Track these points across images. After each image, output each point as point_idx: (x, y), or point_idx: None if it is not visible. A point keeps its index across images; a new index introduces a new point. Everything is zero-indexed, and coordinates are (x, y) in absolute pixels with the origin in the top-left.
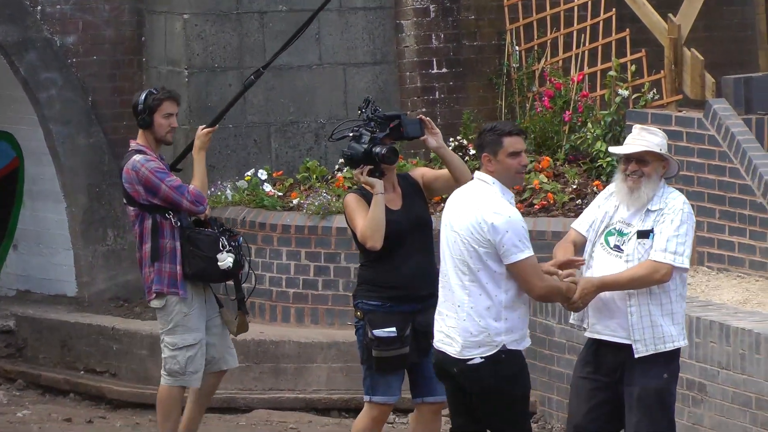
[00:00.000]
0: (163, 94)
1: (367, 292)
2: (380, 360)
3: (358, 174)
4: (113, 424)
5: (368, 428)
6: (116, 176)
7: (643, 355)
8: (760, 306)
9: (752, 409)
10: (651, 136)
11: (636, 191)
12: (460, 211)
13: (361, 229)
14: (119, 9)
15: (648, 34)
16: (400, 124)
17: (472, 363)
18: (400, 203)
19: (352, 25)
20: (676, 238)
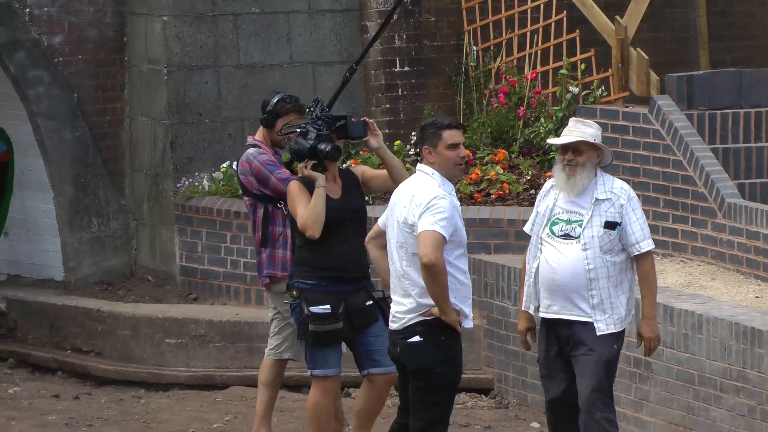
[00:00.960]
0: (293, 106)
1: (303, 273)
2: (316, 334)
3: (302, 167)
4: (98, 400)
5: (318, 400)
6: (100, 168)
7: (603, 333)
8: (702, 289)
9: (695, 386)
10: (585, 127)
11: (572, 179)
12: (401, 199)
13: (302, 219)
14: (102, 11)
15: (596, 35)
16: (345, 124)
17: (411, 341)
18: (339, 193)
19: (320, 27)
20: (645, 224)
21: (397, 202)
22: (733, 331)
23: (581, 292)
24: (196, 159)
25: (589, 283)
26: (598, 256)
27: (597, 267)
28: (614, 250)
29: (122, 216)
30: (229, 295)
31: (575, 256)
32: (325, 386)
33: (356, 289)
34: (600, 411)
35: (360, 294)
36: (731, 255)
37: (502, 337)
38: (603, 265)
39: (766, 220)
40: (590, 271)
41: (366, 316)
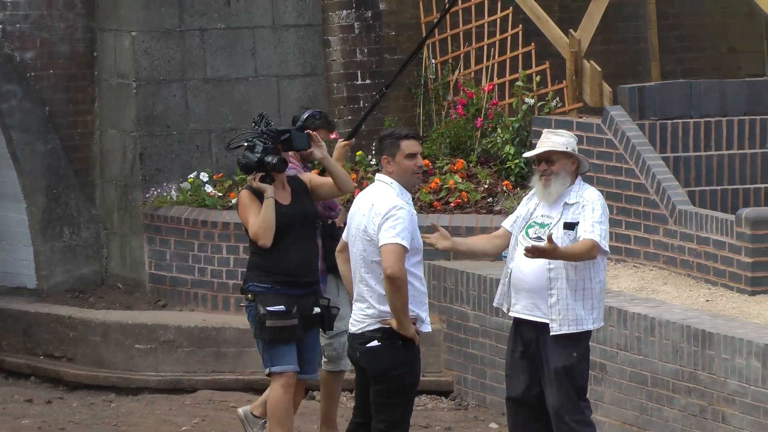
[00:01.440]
0: (322, 122)
1: (257, 277)
2: (273, 330)
3: (251, 180)
4: (70, 404)
5: (280, 396)
6: (71, 179)
7: (556, 334)
8: (654, 293)
9: (648, 387)
10: (556, 137)
11: (548, 188)
12: (360, 208)
13: (253, 228)
14: (73, 27)
15: (551, 48)
16: (290, 137)
17: (370, 346)
18: (289, 199)
19: (284, 41)
20: (599, 224)
21: (356, 211)
22: (685, 334)
23: (542, 293)
24: (165, 170)
25: (548, 282)
26: None
27: (557, 268)
28: None
29: (93, 225)
30: (197, 302)
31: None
32: (283, 383)
33: (307, 293)
34: (568, 414)
35: (310, 299)
36: (682, 260)
37: (461, 340)
38: (563, 267)
39: (716, 226)
40: (551, 271)
41: (310, 322)
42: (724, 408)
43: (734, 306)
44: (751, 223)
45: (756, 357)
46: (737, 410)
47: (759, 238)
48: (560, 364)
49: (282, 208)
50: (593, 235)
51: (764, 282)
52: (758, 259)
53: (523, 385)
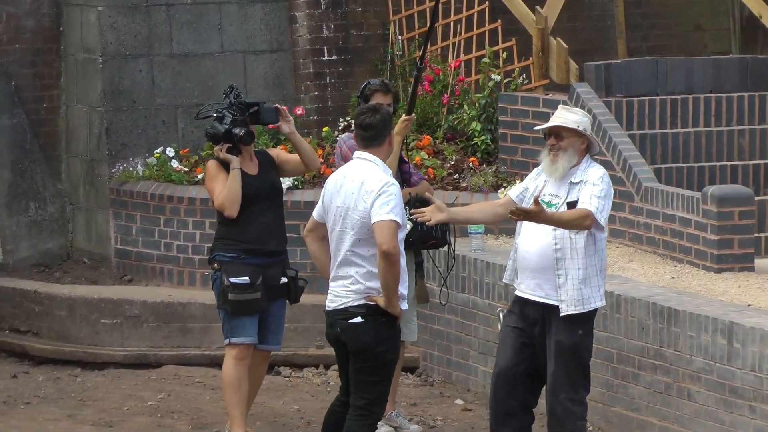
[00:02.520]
0: (376, 86)
1: (223, 246)
2: (235, 303)
3: (218, 150)
4: (36, 378)
5: (232, 367)
6: (37, 153)
7: (566, 314)
8: (620, 270)
9: (614, 364)
10: (568, 114)
11: (555, 163)
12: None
13: (219, 198)
14: (39, 2)
15: (518, 24)
16: (258, 111)
17: (353, 321)
18: (256, 170)
19: (250, 17)
20: (597, 198)
21: (338, 189)
22: (651, 311)
23: (548, 273)
24: (131, 145)
25: (555, 263)
26: (566, 237)
27: (564, 248)
28: (582, 232)
29: (59, 200)
30: (162, 277)
31: (545, 236)
32: (235, 354)
33: (273, 263)
34: (564, 392)
35: (276, 268)
36: (648, 237)
37: (427, 317)
38: (569, 246)
39: (682, 203)
40: (557, 251)
41: (275, 293)
42: (689, 385)
43: (700, 283)
44: (717, 201)
45: (721, 334)
46: (702, 387)
47: (725, 215)
48: (567, 341)
49: (249, 179)
50: (590, 206)
51: (730, 259)
52: (724, 237)
53: (512, 361)
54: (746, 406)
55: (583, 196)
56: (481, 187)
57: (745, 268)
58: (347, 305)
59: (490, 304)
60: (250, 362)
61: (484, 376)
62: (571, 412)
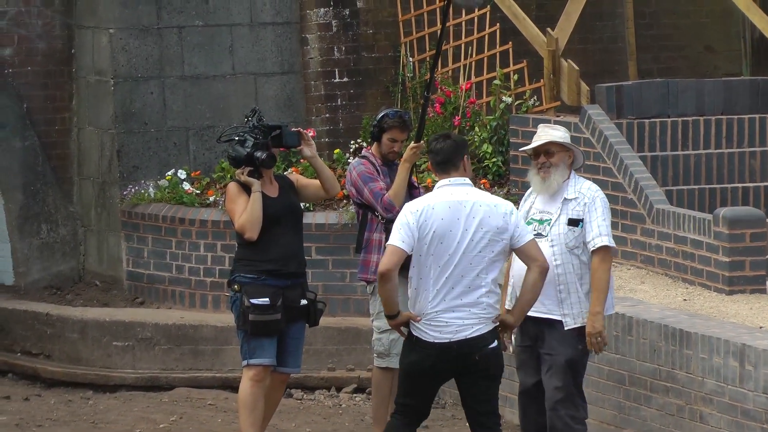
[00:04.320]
0: (396, 121)
1: (243, 267)
2: (255, 324)
3: (239, 173)
4: (48, 401)
5: (249, 388)
6: (49, 176)
7: (570, 328)
8: (632, 292)
9: (626, 386)
10: (553, 130)
11: (547, 180)
12: (472, 210)
13: (239, 221)
14: (51, 24)
15: (529, 46)
16: (280, 134)
17: (493, 347)
18: (276, 193)
19: (262, 39)
20: (604, 222)
21: (465, 215)
22: (662, 333)
23: (549, 289)
24: (142, 167)
25: (556, 278)
26: (565, 252)
27: (564, 263)
28: (580, 246)
29: (70, 222)
30: (174, 299)
31: (545, 253)
32: (252, 375)
33: (293, 284)
34: (565, 408)
35: (296, 290)
36: (660, 259)
37: None
38: (569, 261)
39: (693, 225)
40: (557, 266)
41: (295, 314)
42: (701, 407)
43: (712, 305)
44: (728, 223)
45: (733, 356)
46: (715, 410)
47: (736, 237)
48: (565, 357)
49: (269, 201)
50: (600, 240)
51: (741, 281)
52: (735, 259)
53: (533, 379)
54: (758, 429)
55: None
56: None
57: (756, 290)
58: (482, 332)
59: None
60: (268, 385)
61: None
62: (572, 429)
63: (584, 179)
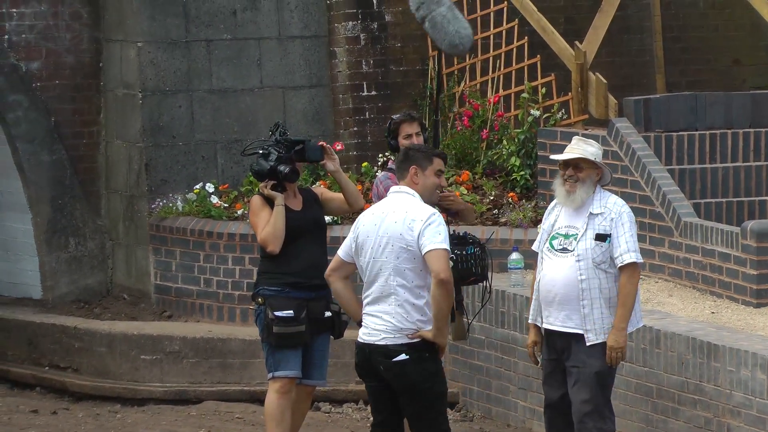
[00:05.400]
0: (399, 118)
1: (267, 280)
2: (280, 336)
3: (263, 187)
4: (76, 415)
5: (275, 401)
6: (77, 189)
7: (593, 343)
8: (660, 305)
9: (653, 399)
10: (586, 145)
11: (572, 194)
12: (385, 219)
13: (262, 234)
14: (79, 38)
15: (557, 59)
16: (303, 148)
17: (398, 359)
18: (300, 206)
19: (290, 52)
20: (632, 238)
21: (377, 222)
22: (690, 346)
23: (574, 303)
24: (170, 180)
25: (581, 293)
26: (591, 267)
27: (589, 278)
28: (607, 262)
29: (98, 236)
30: (202, 313)
31: (570, 267)
32: (278, 387)
33: (317, 297)
34: (593, 421)
35: (320, 303)
36: (687, 272)
37: (467, 352)
38: (595, 276)
39: (721, 238)
40: (582, 281)
41: (320, 327)
42: (729, 420)
43: (739, 318)
44: (756, 236)
45: (761, 369)
46: (742, 422)
47: (764, 250)
48: (593, 370)
49: (292, 214)
50: (628, 257)
51: None
52: (763, 272)
53: (559, 392)
54: None
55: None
56: (520, 222)
57: None
58: (388, 342)
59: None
60: (294, 398)
61: (524, 411)
62: None
63: (610, 194)
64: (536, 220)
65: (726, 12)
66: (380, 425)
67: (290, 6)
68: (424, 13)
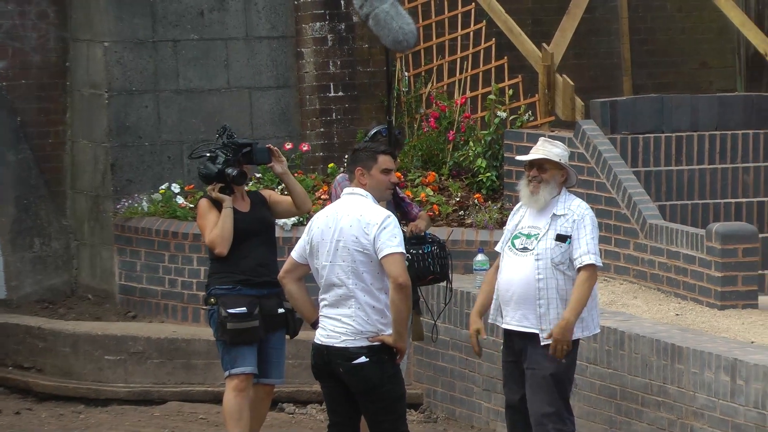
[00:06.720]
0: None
1: (218, 280)
2: (234, 332)
3: (210, 190)
4: (39, 415)
5: (233, 399)
6: (42, 189)
7: (546, 343)
8: (624, 307)
9: (617, 400)
10: (551, 146)
11: (535, 195)
12: (339, 222)
13: (210, 236)
14: (45, 37)
15: (524, 61)
16: (251, 151)
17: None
18: (248, 208)
19: (257, 53)
20: (592, 240)
21: (330, 225)
22: (654, 348)
23: (531, 303)
24: (136, 181)
25: (538, 292)
26: (550, 267)
27: (547, 278)
28: (566, 263)
29: (63, 236)
30: (167, 313)
31: (528, 267)
32: (234, 386)
33: (269, 294)
34: (552, 422)
35: (272, 300)
36: (652, 274)
37: (431, 353)
38: (553, 276)
39: (686, 240)
40: (540, 281)
41: (274, 323)
42: (692, 422)
43: (704, 320)
44: (721, 238)
45: (725, 371)
46: (706, 424)
47: (729, 252)
48: (549, 371)
49: (240, 215)
50: (588, 257)
51: (733, 296)
52: (728, 274)
53: (518, 394)
54: None
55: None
56: (486, 224)
57: (748, 305)
58: (348, 345)
59: (493, 340)
60: (253, 397)
61: (488, 412)
62: None
63: (575, 197)
64: (502, 221)
65: (693, 15)
66: (336, 426)
67: (257, 7)
68: (368, 10)
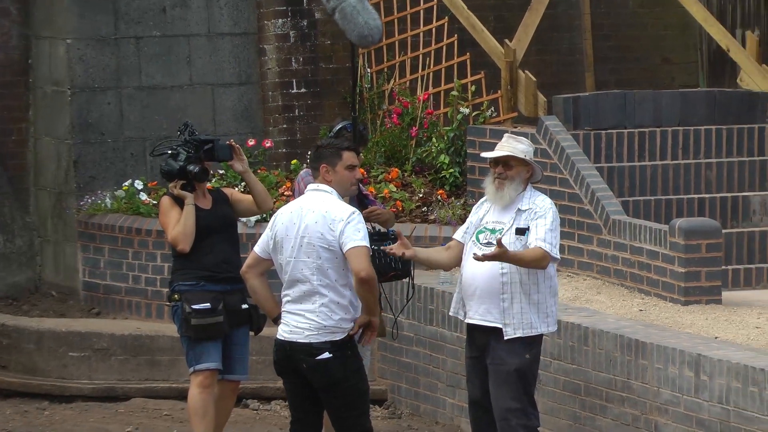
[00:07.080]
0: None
1: (181, 276)
2: (198, 328)
3: (172, 187)
4: (3, 412)
5: (198, 395)
6: (5, 186)
7: (511, 337)
8: (588, 303)
9: (581, 396)
10: (516, 143)
11: (500, 192)
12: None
13: (172, 234)
14: (7, 35)
15: (486, 57)
16: (212, 148)
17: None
18: (210, 205)
19: (219, 49)
20: (551, 232)
21: (296, 222)
22: (618, 343)
23: (494, 297)
24: (99, 177)
25: (501, 287)
26: None
27: (511, 272)
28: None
29: (27, 233)
30: (130, 310)
31: (492, 261)
32: (199, 382)
33: (232, 290)
34: (516, 418)
35: (236, 295)
36: (616, 270)
37: (395, 349)
38: (517, 271)
39: (649, 236)
40: (504, 275)
41: (238, 319)
42: (657, 417)
43: (667, 316)
44: (684, 234)
45: (689, 367)
46: (670, 419)
47: (692, 248)
48: (513, 366)
49: (202, 213)
50: (543, 244)
51: (697, 292)
52: (691, 269)
53: (481, 390)
54: None
55: (537, 232)
56: (449, 220)
57: (712, 301)
58: (312, 340)
59: (458, 336)
60: (218, 393)
61: (452, 408)
62: None
63: (540, 193)
64: (465, 217)
65: (656, 10)
66: (299, 422)
67: (220, 3)
68: (335, 4)
